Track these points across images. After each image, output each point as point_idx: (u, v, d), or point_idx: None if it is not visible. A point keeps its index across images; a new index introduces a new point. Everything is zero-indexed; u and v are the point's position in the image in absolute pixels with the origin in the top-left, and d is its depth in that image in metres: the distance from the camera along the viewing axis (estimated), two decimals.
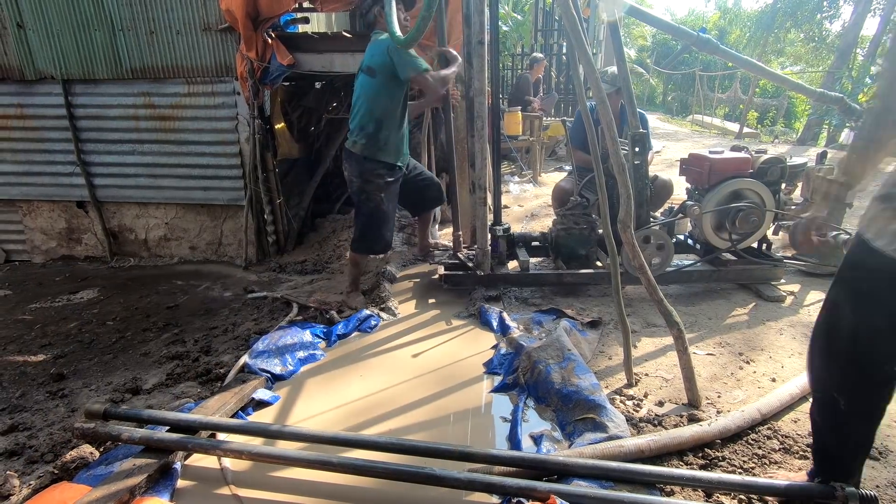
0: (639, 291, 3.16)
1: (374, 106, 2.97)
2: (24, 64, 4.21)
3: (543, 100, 8.01)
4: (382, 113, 2.98)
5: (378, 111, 2.97)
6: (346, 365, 2.63)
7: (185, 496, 1.78)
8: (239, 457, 1.84)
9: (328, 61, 4.00)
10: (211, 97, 4.14)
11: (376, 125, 2.98)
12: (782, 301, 3.05)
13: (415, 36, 2.42)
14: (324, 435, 1.89)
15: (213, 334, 3.07)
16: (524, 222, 5.18)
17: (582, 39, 2.12)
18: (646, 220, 3.09)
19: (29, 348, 3.03)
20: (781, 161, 3.16)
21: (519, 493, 1.59)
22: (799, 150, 8.83)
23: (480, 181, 3.17)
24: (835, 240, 2.07)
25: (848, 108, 3.34)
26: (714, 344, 2.64)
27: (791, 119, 16.86)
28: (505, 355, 2.58)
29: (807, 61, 19.84)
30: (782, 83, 3.59)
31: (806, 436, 1.93)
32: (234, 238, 4.47)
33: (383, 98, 2.97)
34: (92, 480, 1.79)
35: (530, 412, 2.19)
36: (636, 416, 2.09)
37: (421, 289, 3.54)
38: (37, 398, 2.48)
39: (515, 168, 7.41)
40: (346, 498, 1.74)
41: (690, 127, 15.39)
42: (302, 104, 4.97)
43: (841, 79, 11.62)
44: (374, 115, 2.97)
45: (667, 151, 9.19)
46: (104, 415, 1.99)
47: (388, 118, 3.00)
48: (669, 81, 24.30)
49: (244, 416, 2.21)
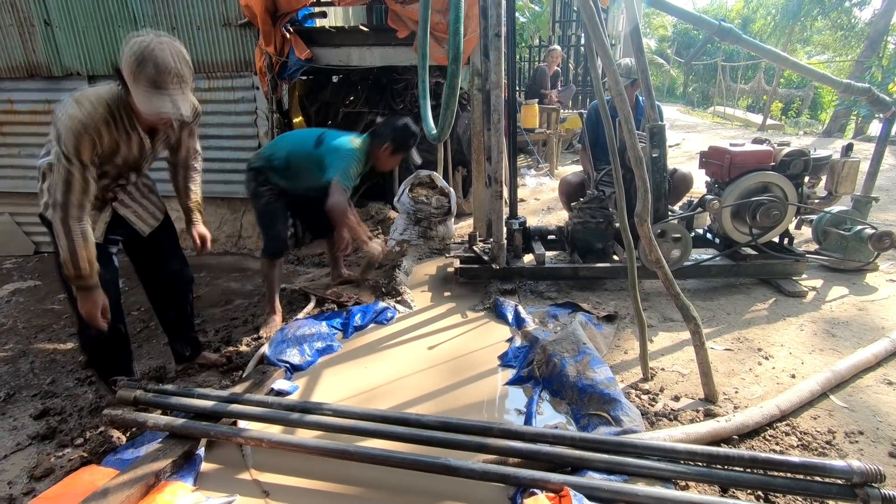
0: (656, 286, 3.13)
1: (294, 160, 2.97)
2: (51, 61, 4.33)
3: (561, 92, 7.94)
4: (296, 167, 2.97)
5: (294, 164, 2.97)
6: (363, 356, 2.67)
7: (208, 480, 1.83)
8: (259, 445, 1.89)
9: (345, 55, 4.03)
10: (231, 92, 4.21)
11: (282, 164, 2.97)
12: (804, 296, 3.00)
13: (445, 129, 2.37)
14: (343, 424, 1.92)
15: (233, 325, 3.14)
16: (540, 216, 5.16)
17: (600, 31, 2.10)
18: (664, 213, 3.06)
19: (58, 337, 3.14)
20: (805, 153, 3.09)
21: (533, 484, 1.61)
22: (824, 143, 8.60)
23: (496, 174, 3.17)
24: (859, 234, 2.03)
25: (876, 99, 3.24)
26: (732, 339, 2.61)
27: (817, 110, 16.41)
28: (520, 348, 2.59)
29: (834, 50, 19.23)
30: (807, 74, 3.50)
31: (825, 433, 1.91)
32: (254, 231, 4.55)
33: (302, 161, 2.95)
34: (119, 464, 1.86)
35: (545, 405, 2.20)
36: (651, 410, 2.09)
37: (436, 282, 3.56)
38: (66, 385, 2.58)
39: (532, 161, 7.37)
40: (364, 483, 1.78)
41: (712, 119, 15.09)
42: (319, 98, 5.01)
43: (870, 68, 11.26)
44: (290, 163, 2.97)
45: (686, 144, 9.03)
46: (135, 401, 2.06)
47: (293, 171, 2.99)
48: (690, 72, 23.83)
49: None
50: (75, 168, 1.83)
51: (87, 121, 1.82)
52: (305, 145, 2.98)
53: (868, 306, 2.86)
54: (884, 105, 3.25)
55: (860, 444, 1.86)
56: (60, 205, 1.86)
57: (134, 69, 1.76)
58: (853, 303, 2.91)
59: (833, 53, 19.13)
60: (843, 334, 2.59)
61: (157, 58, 1.75)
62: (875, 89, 3.23)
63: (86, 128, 1.82)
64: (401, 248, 4.13)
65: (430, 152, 4.64)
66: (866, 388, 2.17)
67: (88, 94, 1.88)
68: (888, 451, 1.82)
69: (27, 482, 1.88)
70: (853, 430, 1.92)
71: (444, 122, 2.23)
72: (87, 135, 1.83)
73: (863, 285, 3.13)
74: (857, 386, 2.19)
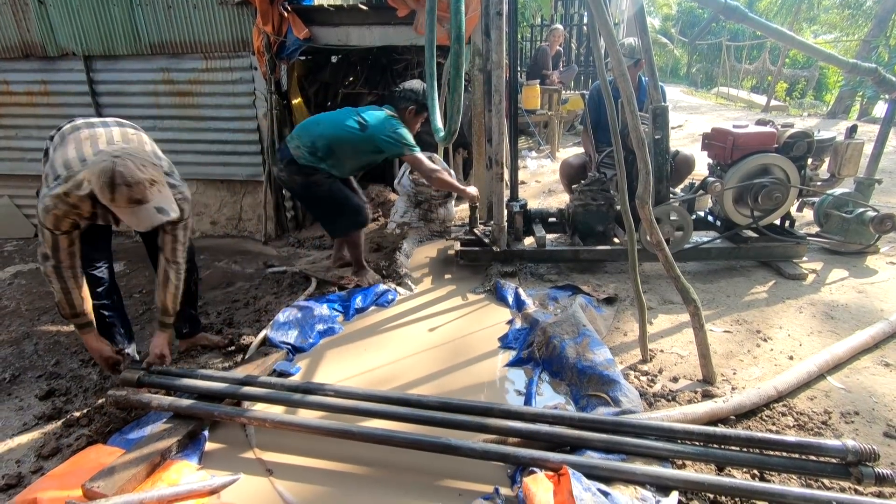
0: (656, 268, 3.14)
1: (337, 144, 2.94)
2: (46, 40, 4.26)
3: (563, 72, 7.83)
4: (339, 153, 2.97)
5: (337, 149, 2.95)
6: (364, 338, 2.69)
7: (213, 459, 1.87)
8: (262, 424, 1.92)
9: (344, 34, 3.97)
10: (228, 72, 4.16)
11: (325, 156, 2.95)
12: (803, 279, 3.00)
13: (454, 117, 2.28)
14: (345, 405, 1.95)
15: (234, 307, 3.16)
16: (541, 198, 5.14)
17: (603, 9, 2.06)
18: (665, 196, 3.04)
19: (61, 319, 3.16)
20: (808, 135, 3.06)
21: (532, 463, 1.63)
22: (828, 124, 8.51)
23: (497, 156, 3.15)
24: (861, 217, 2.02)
25: (882, 80, 3.19)
26: (731, 321, 2.62)
27: (822, 91, 16.18)
28: (520, 330, 2.61)
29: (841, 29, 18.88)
30: (813, 53, 3.44)
31: (821, 413, 1.93)
32: (254, 213, 4.54)
33: (354, 148, 2.98)
34: (125, 444, 1.89)
35: (545, 386, 2.22)
36: (650, 391, 2.11)
37: (437, 265, 3.57)
38: (71, 366, 2.60)
39: (533, 143, 7.31)
40: (366, 462, 1.81)
41: (715, 100, 14.92)
42: (318, 79, 4.95)
43: (877, 48, 11.07)
44: (332, 148, 2.95)
45: (689, 125, 8.94)
46: (139, 382, 2.09)
47: (340, 158, 2.99)
48: (695, 52, 23.44)
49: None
50: (59, 235, 1.90)
51: (65, 209, 1.85)
52: (350, 131, 2.94)
53: (867, 289, 2.87)
54: (890, 86, 3.21)
55: (856, 424, 1.88)
56: (51, 258, 1.94)
57: (109, 195, 1.74)
58: (853, 285, 2.92)
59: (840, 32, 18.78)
60: (841, 317, 2.60)
61: (126, 176, 1.73)
62: (881, 69, 3.19)
63: (66, 214, 1.87)
64: (401, 231, 4.12)
65: (430, 134, 4.59)
66: (863, 369, 2.19)
67: (71, 187, 1.85)
68: (883, 430, 1.84)
69: (35, 461, 1.91)
70: (849, 411, 1.94)
71: (453, 106, 2.09)
72: (67, 219, 1.88)
73: (863, 268, 3.14)
74: (855, 367, 2.20)
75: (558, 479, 1.53)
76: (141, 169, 1.78)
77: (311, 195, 3.09)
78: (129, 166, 1.75)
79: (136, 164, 1.77)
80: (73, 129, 2.09)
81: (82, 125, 2.10)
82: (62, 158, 1.94)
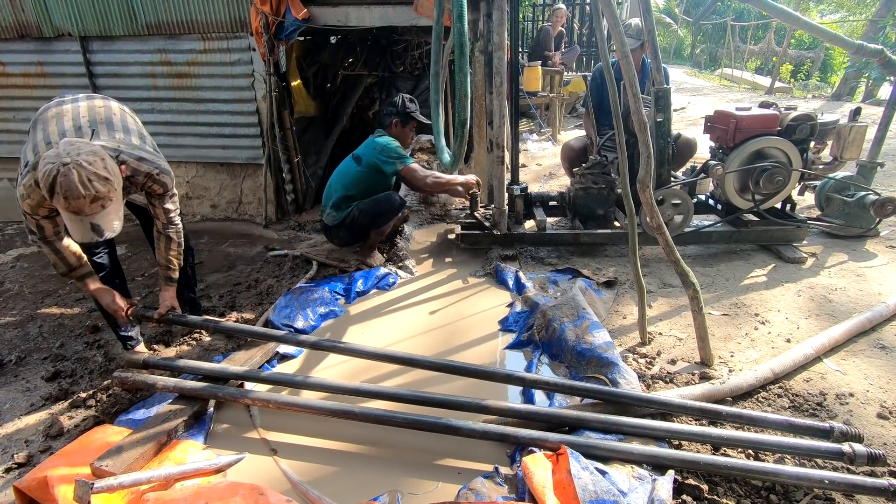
0: (656, 252, 3.15)
1: (350, 188, 3.19)
2: (41, 20, 4.21)
3: (565, 54, 7.72)
4: (357, 193, 3.19)
5: (353, 191, 3.19)
6: (365, 321, 2.71)
7: (218, 439, 1.90)
8: (266, 405, 1.95)
9: (343, 15, 3.91)
10: (227, 54, 4.11)
11: (347, 203, 3.18)
12: (803, 263, 3.01)
13: (458, 156, 2.30)
14: (347, 386, 1.98)
15: (236, 290, 3.17)
16: (542, 181, 5.12)
17: None
18: (667, 179, 3.04)
19: (65, 301, 3.19)
20: (811, 118, 3.04)
21: (531, 443, 1.67)
22: (832, 106, 8.43)
23: (498, 140, 3.13)
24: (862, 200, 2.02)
25: (888, 61, 3.16)
26: (730, 304, 2.64)
27: (827, 72, 15.98)
28: (520, 313, 2.63)
29: (848, 9, 18.55)
30: (819, 34, 3.40)
31: (816, 395, 1.96)
32: (254, 196, 4.53)
33: (364, 183, 3.19)
34: (131, 424, 1.93)
35: (544, 368, 2.25)
36: (648, 373, 2.14)
37: (438, 248, 3.58)
38: (76, 348, 2.63)
39: (534, 126, 7.25)
40: (368, 441, 1.85)
41: (719, 81, 14.73)
42: (317, 60, 4.89)
43: (884, 28, 10.90)
44: (348, 194, 3.18)
45: (692, 108, 8.86)
46: (144, 364, 2.11)
47: (361, 195, 3.20)
48: (699, 32, 23.08)
49: (269, 369, 2.32)
50: (40, 219, 1.94)
51: (38, 199, 1.87)
52: (351, 171, 3.21)
53: (866, 272, 2.88)
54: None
55: (850, 405, 1.91)
56: (36, 234, 1.98)
57: (49, 196, 1.70)
58: (852, 269, 2.93)
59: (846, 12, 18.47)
60: (840, 300, 2.62)
61: (65, 187, 1.65)
62: (888, 51, 3.15)
63: (39, 203, 1.89)
64: (402, 215, 4.11)
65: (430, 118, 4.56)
66: (860, 351, 2.21)
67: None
68: (876, 412, 1.87)
69: (43, 441, 1.95)
70: (844, 392, 1.97)
71: (461, 90, 2.02)
72: (42, 207, 1.90)
73: (863, 252, 3.14)
74: (851, 350, 2.23)
75: (557, 458, 1.56)
76: (85, 184, 1.66)
77: (359, 227, 3.21)
78: (72, 179, 1.64)
79: (82, 176, 1.66)
80: (44, 108, 2.09)
81: (53, 103, 2.09)
82: (32, 142, 1.97)
